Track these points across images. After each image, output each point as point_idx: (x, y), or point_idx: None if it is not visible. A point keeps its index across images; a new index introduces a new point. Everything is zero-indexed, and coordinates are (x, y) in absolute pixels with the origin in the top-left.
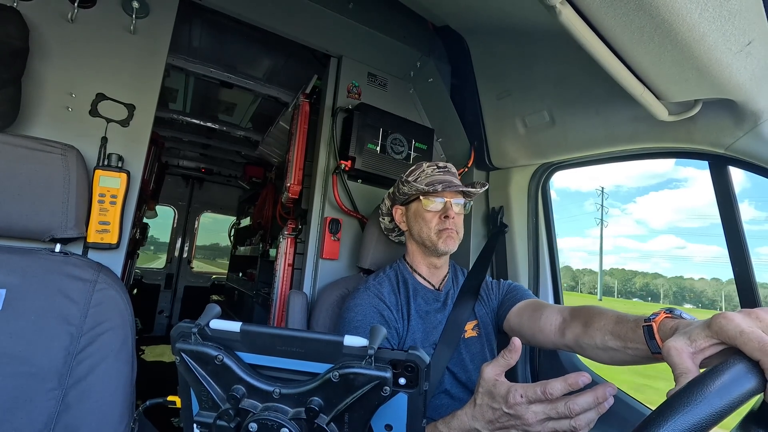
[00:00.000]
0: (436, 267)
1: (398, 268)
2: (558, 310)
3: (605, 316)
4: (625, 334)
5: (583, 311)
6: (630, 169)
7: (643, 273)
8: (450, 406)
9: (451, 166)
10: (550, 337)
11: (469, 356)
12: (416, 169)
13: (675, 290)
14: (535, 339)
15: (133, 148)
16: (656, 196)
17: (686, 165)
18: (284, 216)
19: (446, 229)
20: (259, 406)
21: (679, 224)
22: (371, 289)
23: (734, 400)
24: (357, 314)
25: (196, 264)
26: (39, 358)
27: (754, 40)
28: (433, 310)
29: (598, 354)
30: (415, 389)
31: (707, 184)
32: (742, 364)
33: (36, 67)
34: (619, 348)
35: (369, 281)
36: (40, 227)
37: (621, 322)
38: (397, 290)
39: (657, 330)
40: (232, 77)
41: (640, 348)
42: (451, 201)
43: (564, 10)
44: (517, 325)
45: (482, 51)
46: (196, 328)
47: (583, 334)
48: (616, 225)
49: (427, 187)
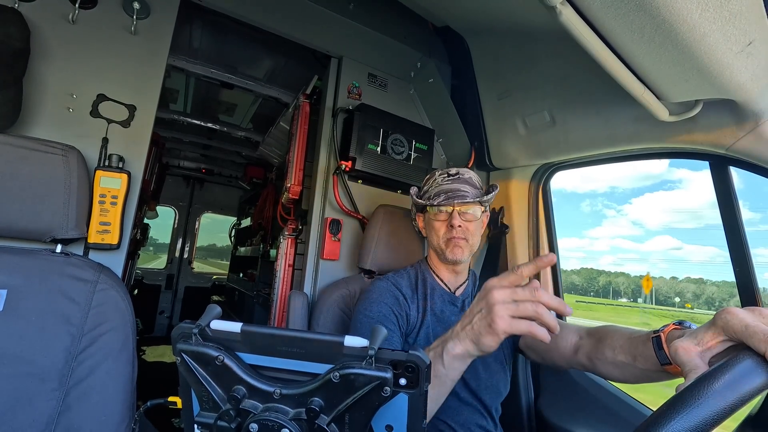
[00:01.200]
0: (455, 272)
1: (419, 268)
2: (575, 330)
3: (617, 332)
4: (636, 349)
5: (598, 330)
6: (625, 170)
7: (607, 272)
8: (458, 408)
9: (465, 172)
10: (566, 356)
11: (483, 366)
12: (429, 179)
13: (633, 288)
14: (550, 358)
15: (134, 148)
16: (651, 197)
17: (680, 166)
18: (285, 216)
19: (453, 238)
20: (259, 407)
21: (675, 225)
22: (390, 279)
23: (744, 394)
24: (373, 293)
25: (197, 264)
26: (40, 359)
27: (754, 40)
28: (449, 312)
29: (610, 370)
30: (415, 390)
31: (700, 186)
32: (750, 358)
33: (37, 68)
34: (629, 362)
35: (389, 275)
36: (41, 228)
37: (632, 338)
38: (415, 287)
39: (665, 340)
40: (232, 78)
41: (649, 362)
42: (457, 210)
43: (564, 10)
44: (533, 344)
45: (483, 51)
46: (196, 328)
47: (594, 350)
48: (613, 226)
49: (428, 200)
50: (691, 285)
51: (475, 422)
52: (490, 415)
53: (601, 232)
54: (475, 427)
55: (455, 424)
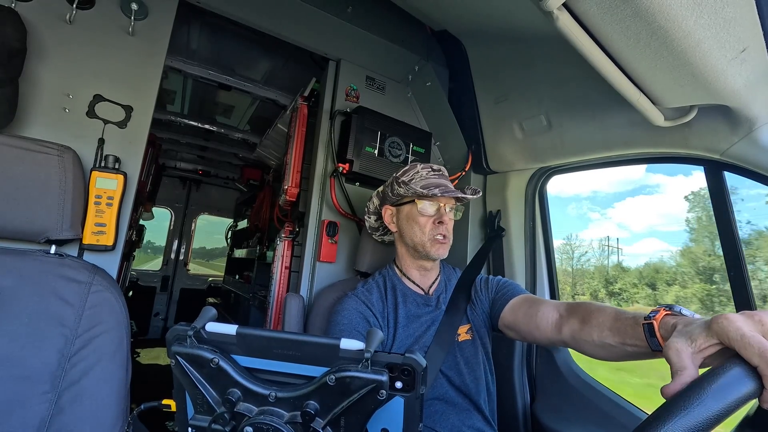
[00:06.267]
0: (426, 269)
1: (387, 274)
2: (554, 305)
3: (603, 312)
4: (624, 331)
5: (580, 307)
6: (606, 175)
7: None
8: (445, 412)
9: (444, 170)
10: (547, 333)
11: (464, 360)
12: (410, 170)
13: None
14: (531, 335)
15: (130, 149)
16: (633, 201)
17: (657, 172)
18: (281, 218)
19: (440, 235)
20: (254, 410)
21: (659, 228)
22: (360, 296)
23: (731, 404)
24: (343, 318)
25: (193, 266)
26: (32, 361)
27: (748, 47)
28: (424, 314)
29: (596, 350)
30: (411, 393)
31: (676, 190)
32: (740, 368)
33: (33, 68)
34: (617, 344)
35: (358, 287)
36: (36, 228)
37: (619, 318)
38: (385, 297)
39: (658, 328)
40: (230, 79)
41: (639, 345)
42: (445, 206)
43: (561, 15)
44: (512, 323)
45: (480, 55)
46: (191, 330)
47: (580, 330)
48: (599, 228)
49: (424, 189)
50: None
51: (466, 423)
52: (480, 412)
53: (589, 234)
54: (467, 429)
55: (445, 430)
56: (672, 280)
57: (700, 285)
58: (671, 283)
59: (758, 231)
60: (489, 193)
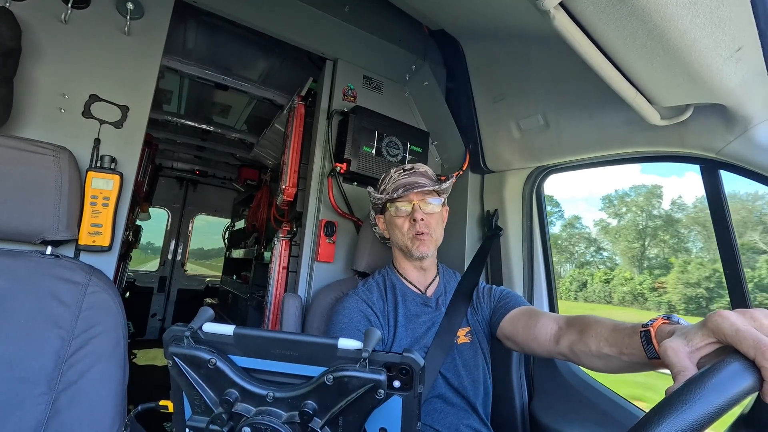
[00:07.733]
0: (423, 269)
1: (386, 274)
2: (553, 318)
3: (601, 324)
4: (621, 341)
5: (579, 320)
6: (599, 177)
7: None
8: (444, 411)
9: (419, 166)
10: (545, 345)
11: (462, 362)
12: (385, 177)
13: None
14: (529, 347)
15: (127, 149)
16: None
17: (649, 172)
18: (279, 218)
19: (418, 233)
20: (252, 410)
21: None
22: (361, 294)
23: (731, 398)
24: (344, 317)
25: (190, 267)
26: (29, 363)
27: (743, 46)
28: (423, 314)
29: (593, 361)
30: (409, 392)
31: (668, 191)
32: (738, 362)
33: (28, 68)
34: (614, 355)
35: (359, 286)
36: (31, 229)
37: (617, 329)
38: (385, 296)
39: (654, 335)
40: (227, 79)
41: (635, 354)
42: (418, 204)
43: (558, 15)
44: (511, 333)
45: (477, 54)
46: (189, 331)
47: (578, 342)
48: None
49: (388, 195)
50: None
51: (464, 423)
52: (477, 414)
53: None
54: (465, 428)
55: (443, 428)
56: None
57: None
58: None
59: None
60: (486, 192)
